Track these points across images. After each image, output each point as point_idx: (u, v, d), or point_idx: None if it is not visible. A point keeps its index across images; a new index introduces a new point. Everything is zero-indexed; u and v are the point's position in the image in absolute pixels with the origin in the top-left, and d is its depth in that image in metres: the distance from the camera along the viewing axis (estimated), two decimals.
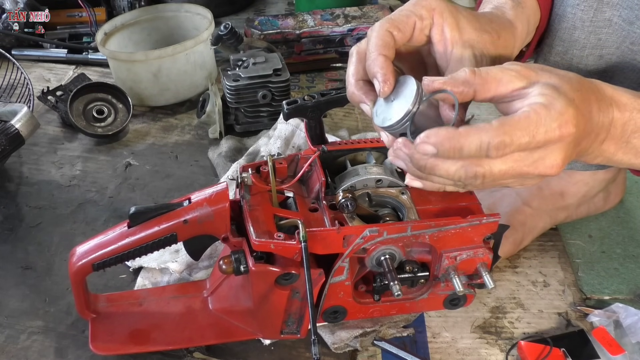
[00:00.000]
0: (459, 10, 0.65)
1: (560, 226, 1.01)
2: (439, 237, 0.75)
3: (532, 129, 0.54)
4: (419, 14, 0.63)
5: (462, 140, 0.54)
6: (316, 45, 1.42)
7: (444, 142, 0.55)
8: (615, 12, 0.75)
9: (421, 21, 0.63)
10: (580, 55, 0.80)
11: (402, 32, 0.63)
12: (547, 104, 0.54)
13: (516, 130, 0.54)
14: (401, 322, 0.86)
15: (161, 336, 0.83)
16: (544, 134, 0.54)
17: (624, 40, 0.76)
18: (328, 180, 0.79)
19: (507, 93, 0.57)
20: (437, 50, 0.65)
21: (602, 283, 0.92)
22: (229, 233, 0.76)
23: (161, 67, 1.27)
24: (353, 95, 0.65)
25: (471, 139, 0.54)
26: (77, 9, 1.56)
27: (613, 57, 0.78)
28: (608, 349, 0.81)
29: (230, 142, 1.18)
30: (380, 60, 0.61)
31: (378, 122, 0.62)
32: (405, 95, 0.60)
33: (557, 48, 0.81)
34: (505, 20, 0.70)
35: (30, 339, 0.86)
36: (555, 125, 0.54)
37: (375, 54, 0.61)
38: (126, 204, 1.08)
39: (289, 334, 0.81)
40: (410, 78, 0.61)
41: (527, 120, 0.54)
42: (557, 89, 0.56)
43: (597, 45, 0.78)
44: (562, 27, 0.79)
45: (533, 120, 0.54)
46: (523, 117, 0.54)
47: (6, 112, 1.08)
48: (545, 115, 0.54)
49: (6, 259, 0.98)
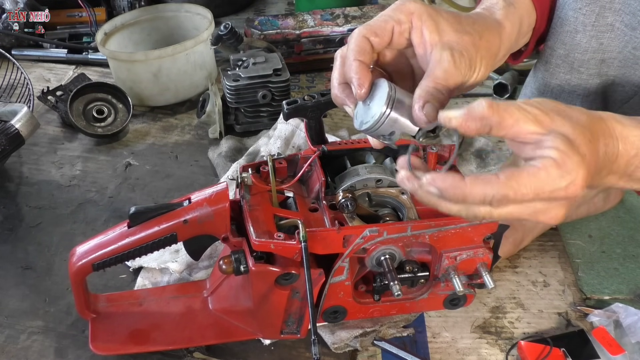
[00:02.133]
0: (439, 13, 0.65)
1: (560, 226, 1.01)
2: (439, 237, 0.75)
3: (539, 187, 0.54)
4: (397, 18, 0.64)
5: (467, 191, 0.55)
6: (316, 45, 1.42)
7: (448, 190, 0.55)
8: (617, 17, 0.75)
9: (399, 25, 0.64)
10: (581, 59, 0.80)
11: (380, 37, 0.64)
12: (560, 162, 0.54)
13: (522, 187, 0.54)
14: (401, 322, 0.86)
15: (161, 336, 0.83)
16: (549, 193, 0.54)
17: (625, 45, 0.76)
18: (328, 180, 0.79)
19: (522, 134, 0.56)
20: (418, 52, 0.65)
21: (602, 283, 0.92)
22: (229, 233, 0.76)
23: (161, 67, 1.27)
24: (336, 97, 0.67)
25: (476, 191, 0.55)
26: (77, 9, 1.56)
27: (615, 62, 0.78)
28: (608, 349, 0.81)
29: (230, 142, 1.18)
30: (355, 66, 0.62)
31: (357, 125, 0.63)
32: (379, 98, 0.61)
33: (558, 51, 0.81)
34: (492, 20, 0.70)
35: (30, 339, 0.86)
36: (563, 186, 0.54)
37: (351, 60, 0.63)
38: (126, 204, 1.08)
39: (289, 334, 0.81)
40: (384, 81, 0.61)
41: (536, 177, 0.54)
42: (571, 144, 0.55)
43: (599, 49, 0.78)
44: (564, 31, 0.79)
45: (542, 179, 0.54)
46: (532, 173, 0.54)
47: (6, 112, 1.08)
48: (555, 174, 0.54)
49: (6, 259, 0.98)
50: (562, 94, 0.85)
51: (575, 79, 0.83)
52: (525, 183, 0.54)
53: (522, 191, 0.54)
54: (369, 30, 0.64)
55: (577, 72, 0.82)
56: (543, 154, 0.55)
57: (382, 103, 0.60)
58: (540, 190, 0.54)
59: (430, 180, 0.56)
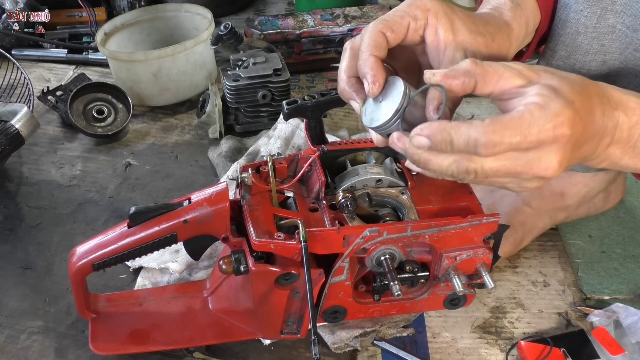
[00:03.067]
0: (455, 12, 0.65)
1: (560, 226, 1.01)
2: (439, 237, 0.75)
3: (524, 129, 0.54)
4: (413, 14, 0.64)
5: (452, 133, 0.55)
6: (316, 45, 1.42)
7: (436, 134, 0.55)
8: (619, 19, 0.75)
9: (415, 22, 0.64)
10: (583, 61, 0.80)
11: (396, 33, 0.63)
12: (543, 104, 0.54)
13: (507, 130, 0.54)
14: (401, 322, 0.86)
15: (161, 336, 0.83)
16: (536, 134, 0.54)
17: (627, 47, 0.76)
18: (328, 180, 0.79)
19: (507, 89, 0.57)
20: (430, 50, 0.65)
21: (602, 283, 0.92)
22: (229, 233, 0.76)
23: (161, 67, 1.27)
24: (344, 91, 0.66)
25: (460, 132, 0.54)
26: (77, 9, 1.56)
27: (616, 63, 0.78)
28: (608, 349, 0.81)
29: (230, 142, 1.18)
30: (371, 61, 0.62)
31: (366, 122, 0.63)
32: (393, 96, 0.60)
33: (560, 52, 0.81)
34: (502, 22, 0.70)
35: (30, 339, 0.86)
36: (549, 126, 0.54)
37: (367, 54, 0.62)
38: (126, 204, 1.08)
39: (289, 334, 0.81)
40: (399, 79, 0.61)
41: (520, 119, 0.54)
42: (556, 90, 0.55)
43: (601, 51, 0.78)
44: (566, 32, 0.79)
45: (526, 120, 0.54)
46: (516, 116, 0.54)
47: (6, 112, 1.08)
48: (539, 115, 0.54)
49: (6, 259, 0.98)
50: None
51: None
52: (510, 125, 0.54)
53: (507, 133, 0.54)
54: (386, 25, 0.63)
55: (578, 73, 0.81)
56: (527, 100, 0.55)
57: (396, 102, 0.59)
58: (527, 132, 0.54)
59: (418, 131, 0.56)
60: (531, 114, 0.54)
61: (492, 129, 0.54)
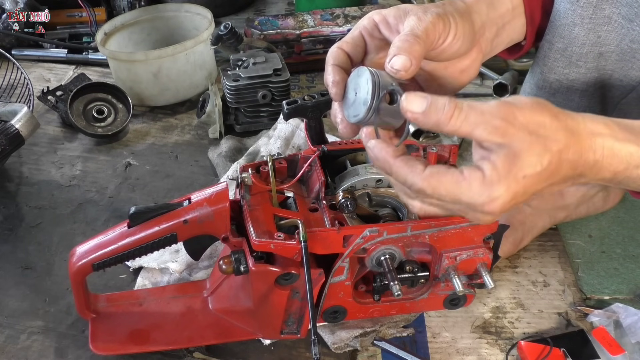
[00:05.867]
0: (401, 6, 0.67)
1: (560, 226, 1.01)
2: (439, 237, 0.75)
3: (456, 195, 0.55)
4: (361, 24, 0.68)
5: (394, 168, 0.57)
6: (316, 45, 1.42)
7: (378, 158, 0.58)
8: (614, 9, 0.75)
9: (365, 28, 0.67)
10: (579, 53, 0.80)
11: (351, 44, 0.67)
12: (487, 181, 0.54)
13: (441, 188, 0.55)
14: (401, 322, 0.86)
15: (161, 336, 0.83)
16: (466, 204, 0.55)
17: (623, 38, 0.76)
18: (328, 180, 0.79)
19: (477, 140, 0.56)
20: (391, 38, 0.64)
21: (602, 283, 0.92)
22: (229, 233, 0.76)
23: (161, 67, 1.27)
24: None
25: (400, 172, 0.57)
26: (77, 9, 1.56)
27: (613, 55, 0.78)
28: (608, 349, 0.81)
29: (230, 142, 1.18)
30: (329, 70, 0.65)
31: (350, 118, 0.63)
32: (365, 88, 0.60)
33: (557, 45, 0.81)
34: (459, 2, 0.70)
35: (30, 339, 0.86)
36: (480, 202, 0.54)
37: (327, 66, 0.66)
38: (126, 204, 1.08)
39: (289, 334, 0.81)
40: (364, 69, 0.60)
41: (457, 185, 0.55)
42: (510, 170, 0.53)
43: (597, 42, 0.78)
44: (562, 24, 0.79)
45: (462, 188, 0.54)
46: (455, 180, 0.55)
47: (6, 112, 1.08)
48: (476, 190, 0.54)
49: (6, 259, 0.98)
50: (561, 89, 0.85)
51: (573, 73, 0.83)
52: (445, 186, 0.55)
53: (440, 192, 0.55)
54: (341, 42, 0.67)
55: (575, 66, 0.82)
56: (480, 165, 0.55)
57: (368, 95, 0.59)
58: (456, 198, 0.55)
59: (370, 145, 0.59)
60: (469, 186, 0.54)
61: (429, 182, 0.55)
